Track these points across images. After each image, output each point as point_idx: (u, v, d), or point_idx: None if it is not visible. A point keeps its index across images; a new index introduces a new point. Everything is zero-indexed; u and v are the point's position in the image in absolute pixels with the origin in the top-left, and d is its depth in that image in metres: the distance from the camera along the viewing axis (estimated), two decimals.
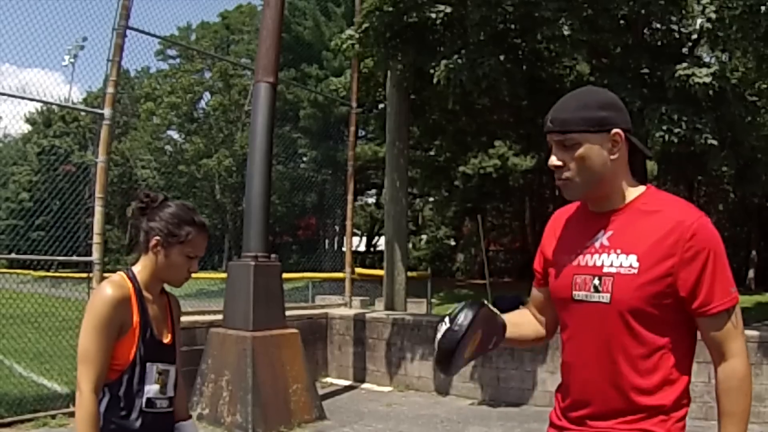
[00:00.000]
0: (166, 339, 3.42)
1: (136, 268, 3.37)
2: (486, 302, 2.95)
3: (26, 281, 21.57)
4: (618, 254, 2.74)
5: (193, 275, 3.52)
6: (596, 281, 2.76)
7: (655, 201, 2.83)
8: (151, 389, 3.27)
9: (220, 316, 11.00)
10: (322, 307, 15.67)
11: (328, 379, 13.85)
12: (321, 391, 11.76)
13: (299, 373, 10.49)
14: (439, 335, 2.79)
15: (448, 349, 2.73)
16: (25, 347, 13.61)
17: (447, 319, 2.78)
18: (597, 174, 2.78)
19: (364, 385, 13.40)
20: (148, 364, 3.25)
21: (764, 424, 10.01)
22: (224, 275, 12.29)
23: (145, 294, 3.33)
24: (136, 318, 3.24)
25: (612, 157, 2.78)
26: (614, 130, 2.77)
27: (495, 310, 2.98)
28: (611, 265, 2.73)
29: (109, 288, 3.20)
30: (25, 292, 15.66)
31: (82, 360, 3.13)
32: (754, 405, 9.73)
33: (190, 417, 3.68)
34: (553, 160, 2.81)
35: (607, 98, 2.85)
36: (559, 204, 3.28)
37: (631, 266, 2.68)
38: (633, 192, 2.87)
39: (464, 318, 2.71)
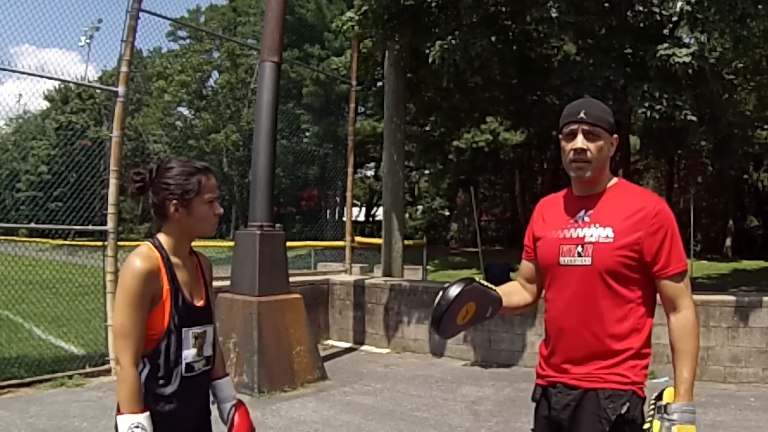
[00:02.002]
0: (199, 302, 3.35)
1: (161, 237, 3.28)
2: (478, 279, 3.37)
3: (45, 249, 21.62)
4: (597, 227, 3.30)
5: (201, 243, 3.50)
6: (579, 248, 3.29)
7: (625, 189, 3.44)
8: (189, 354, 3.22)
9: (227, 282, 11.00)
10: (324, 273, 15.68)
11: (330, 342, 13.88)
12: (322, 353, 11.77)
13: (302, 335, 10.51)
14: (434, 305, 3.23)
15: (434, 317, 3.21)
16: (43, 311, 13.62)
17: (440, 293, 3.21)
18: (602, 163, 3.36)
19: (364, 347, 13.43)
20: (183, 330, 3.20)
21: (741, 384, 10.07)
22: (231, 243, 12.27)
23: (174, 260, 3.25)
24: (166, 287, 3.17)
25: (610, 154, 3.41)
26: (615, 136, 3.42)
27: (489, 285, 3.43)
28: (591, 236, 3.29)
29: (138, 261, 3.11)
30: (44, 259, 15.70)
31: (119, 335, 3.07)
32: (731, 366, 9.86)
33: (227, 375, 3.63)
34: (582, 144, 3.29)
35: (610, 111, 3.44)
36: (547, 177, 3.55)
37: (607, 236, 3.25)
38: (609, 181, 3.46)
39: (452, 292, 3.16)
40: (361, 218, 51.67)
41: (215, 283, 11.54)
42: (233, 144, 48.78)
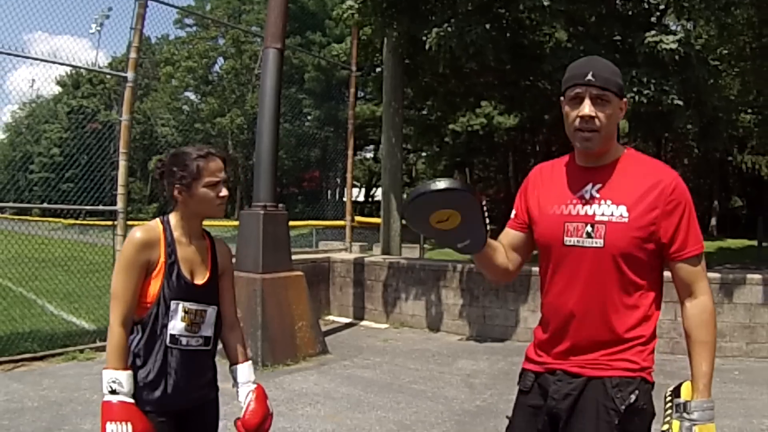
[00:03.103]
0: (200, 280, 3.34)
1: (171, 215, 3.36)
2: (482, 198, 2.90)
3: (57, 228, 21.62)
4: (609, 204, 2.86)
5: (208, 222, 3.48)
6: (589, 228, 2.87)
7: (636, 160, 2.99)
8: (176, 326, 3.20)
9: (232, 260, 10.99)
10: (325, 251, 15.68)
11: (330, 317, 13.89)
12: (324, 328, 11.78)
13: (304, 311, 10.51)
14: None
15: (412, 194, 2.73)
16: (55, 288, 13.63)
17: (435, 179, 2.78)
18: (612, 131, 2.89)
19: (363, 323, 13.45)
20: (173, 302, 3.20)
21: (725, 357, 10.13)
22: (236, 223, 12.28)
23: (177, 236, 3.30)
24: (162, 258, 3.21)
25: (619, 120, 2.96)
26: (624, 99, 2.95)
27: (486, 219, 2.91)
28: (603, 214, 2.86)
29: (138, 232, 3.21)
30: (56, 238, 15.70)
31: (113, 297, 3.14)
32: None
33: (247, 360, 3.61)
34: (590, 111, 2.82)
35: (619, 72, 2.96)
36: (540, 159, 3.31)
37: (621, 215, 2.82)
38: (618, 151, 3.00)
39: (443, 183, 2.68)
40: (361, 199, 51.62)
41: None
42: (238, 127, 48.74)
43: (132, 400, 3.05)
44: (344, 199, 18.13)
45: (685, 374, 2.87)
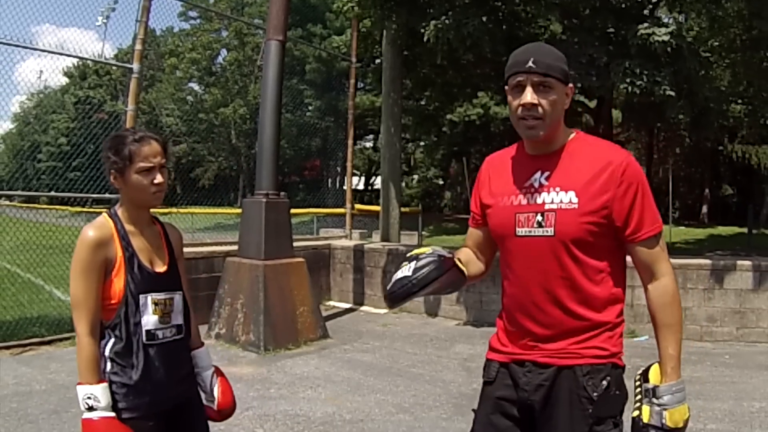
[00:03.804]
0: (161, 268, 3.16)
1: (117, 206, 3.16)
2: (456, 260, 2.94)
3: (64, 216, 21.50)
4: (557, 192, 2.77)
5: (212, 210, 3.41)
6: (539, 217, 2.78)
7: (585, 143, 2.89)
8: (150, 321, 3.03)
9: (235, 247, 11.03)
10: (326, 238, 15.69)
11: (331, 303, 13.91)
12: (324, 313, 11.78)
13: (305, 297, 10.53)
14: (399, 275, 2.80)
15: (398, 296, 2.74)
16: (63, 274, 13.56)
17: (411, 265, 2.79)
18: (557, 118, 2.79)
19: (363, 308, 13.47)
20: (141, 296, 3.01)
21: (716, 342, 10.18)
22: (239, 211, 12.26)
23: (129, 228, 3.09)
24: (120, 254, 3.01)
25: (565, 107, 2.82)
26: (570, 85, 2.84)
27: (461, 265, 2.96)
28: (552, 202, 2.76)
29: (90, 231, 2.99)
30: (63, 225, 15.63)
31: (74, 305, 2.94)
32: (707, 325, 9.83)
33: (203, 345, 3.46)
34: (532, 99, 2.72)
35: (564, 58, 2.87)
36: None
37: (570, 201, 2.72)
38: (567, 136, 2.90)
39: (425, 275, 2.69)
40: (361, 187, 51.67)
41: (224, 248, 11.65)
42: (241, 117, 48.66)
43: (112, 414, 2.88)
44: (344, 187, 18.18)
45: None
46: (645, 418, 2.69)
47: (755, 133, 28.24)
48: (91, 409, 2.85)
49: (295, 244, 11.35)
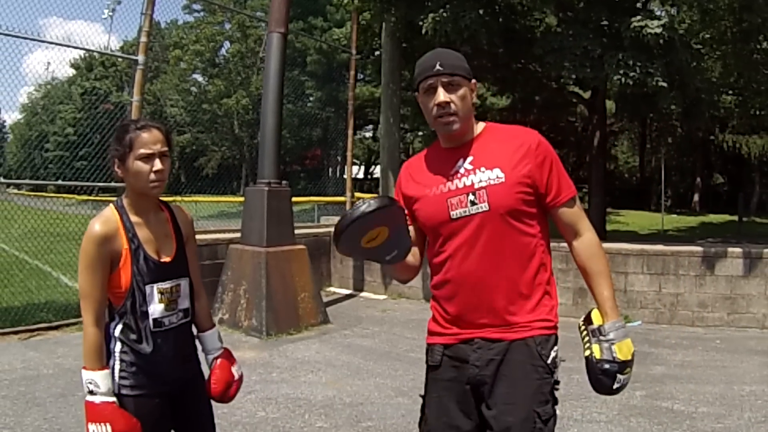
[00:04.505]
0: (168, 256, 3.17)
1: (123, 197, 3.18)
2: (406, 211, 2.99)
3: (71, 204, 21.50)
4: (483, 171, 2.95)
5: (215, 199, 3.39)
6: (471, 197, 2.93)
7: (497, 129, 3.15)
8: (156, 309, 3.08)
9: (238, 234, 11.06)
10: (326, 226, 15.65)
11: (331, 289, 13.92)
12: (325, 299, 11.78)
13: (306, 283, 10.54)
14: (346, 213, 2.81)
15: (340, 225, 2.71)
16: (70, 261, 13.59)
17: (359, 203, 2.78)
18: (468, 111, 3.02)
19: (363, 294, 13.48)
20: (147, 287, 3.05)
21: (707, 327, 10.20)
22: (242, 199, 12.27)
23: (134, 219, 3.11)
24: (125, 246, 3.03)
25: (473, 100, 3.07)
26: (474, 81, 3.08)
27: (410, 227, 3.06)
28: (480, 181, 2.93)
29: (96, 225, 3.02)
30: (70, 213, 15.60)
31: (81, 297, 3.00)
32: (698, 311, 9.87)
33: (212, 326, 3.51)
34: (444, 98, 2.94)
35: (464, 57, 3.10)
36: None
37: (498, 177, 2.91)
38: (478, 127, 3.13)
39: (366, 206, 2.70)
40: (360, 176, 51.66)
41: (227, 235, 11.65)
42: (243, 108, 48.56)
43: (112, 399, 2.95)
44: (344, 176, 18.12)
45: (669, 343, 2.89)
46: (597, 355, 2.91)
47: (745, 123, 28.19)
48: (92, 393, 2.94)
49: (296, 231, 11.36)
